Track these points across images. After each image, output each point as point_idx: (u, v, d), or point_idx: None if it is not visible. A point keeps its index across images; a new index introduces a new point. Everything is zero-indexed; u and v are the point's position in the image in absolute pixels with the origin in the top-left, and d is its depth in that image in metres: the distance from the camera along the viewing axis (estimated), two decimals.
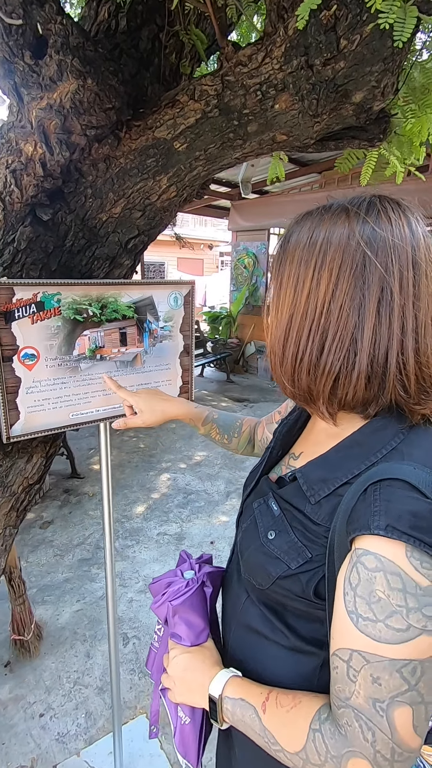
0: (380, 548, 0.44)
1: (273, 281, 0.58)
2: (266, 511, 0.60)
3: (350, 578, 0.46)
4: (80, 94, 0.80)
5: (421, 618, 0.42)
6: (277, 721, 0.51)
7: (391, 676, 0.42)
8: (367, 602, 0.44)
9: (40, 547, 2.72)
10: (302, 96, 0.85)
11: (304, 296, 0.52)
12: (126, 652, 1.99)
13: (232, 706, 0.55)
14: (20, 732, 1.63)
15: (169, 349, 1.09)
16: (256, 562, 0.59)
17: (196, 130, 0.91)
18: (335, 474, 0.54)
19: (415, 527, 0.42)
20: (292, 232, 0.56)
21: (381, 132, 0.96)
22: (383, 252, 0.49)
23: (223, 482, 3.60)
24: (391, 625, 0.42)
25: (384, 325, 0.48)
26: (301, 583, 0.53)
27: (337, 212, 0.52)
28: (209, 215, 8.15)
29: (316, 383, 0.52)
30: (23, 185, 0.88)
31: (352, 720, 0.44)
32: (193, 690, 0.60)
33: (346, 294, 0.49)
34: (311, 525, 0.54)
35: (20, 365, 0.87)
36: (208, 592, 0.70)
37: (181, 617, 0.66)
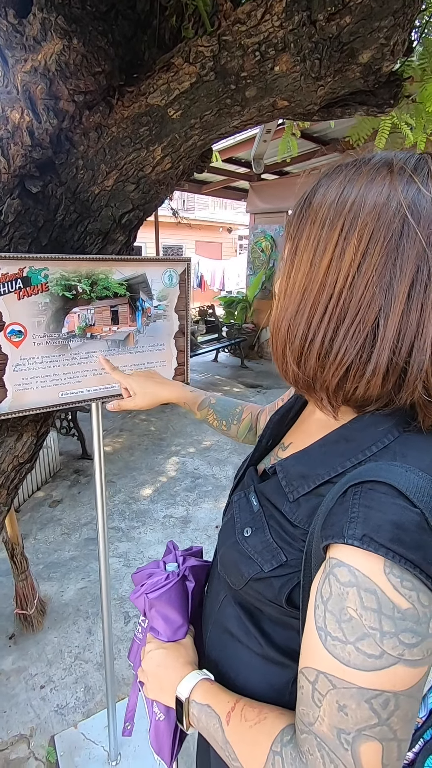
0: (355, 560, 0.38)
1: (288, 242, 0.49)
2: (245, 506, 0.56)
3: (322, 591, 0.41)
4: (66, 56, 0.76)
5: (397, 645, 0.36)
6: (239, 736, 0.47)
7: (359, 706, 0.37)
8: (337, 620, 0.39)
9: (49, 525, 2.78)
10: (304, 56, 0.79)
11: (324, 265, 0.43)
12: (127, 630, 2.02)
13: (198, 711, 0.52)
14: (21, 702, 1.68)
15: (164, 329, 1.05)
16: (230, 559, 0.55)
17: (191, 96, 0.85)
18: (316, 470, 0.48)
19: (396, 540, 0.36)
20: (320, 185, 0.47)
21: (391, 97, 0.89)
22: (428, 220, 0.40)
23: (231, 468, 3.59)
24: (362, 648, 0.37)
25: (414, 312, 0.40)
26: (273, 588, 0.48)
27: (378, 166, 0.43)
28: (228, 197, 7.99)
29: (323, 372, 0.45)
30: (10, 155, 0.85)
31: (314, 749, 0.39)
32: (164, 688, 0.57)
33: (375, 268, 0.41)
34: (288, 526, 0.49)
35: (6, 342, 0.86)
36: (190, 587, 0.67)
37: (158, 611, 0.64)
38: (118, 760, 1.47)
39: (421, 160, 0.43)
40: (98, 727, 1.59)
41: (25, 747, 1.53)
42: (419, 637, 0.36)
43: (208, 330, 7.30)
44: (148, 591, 0.65)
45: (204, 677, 0.55)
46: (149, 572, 0.69)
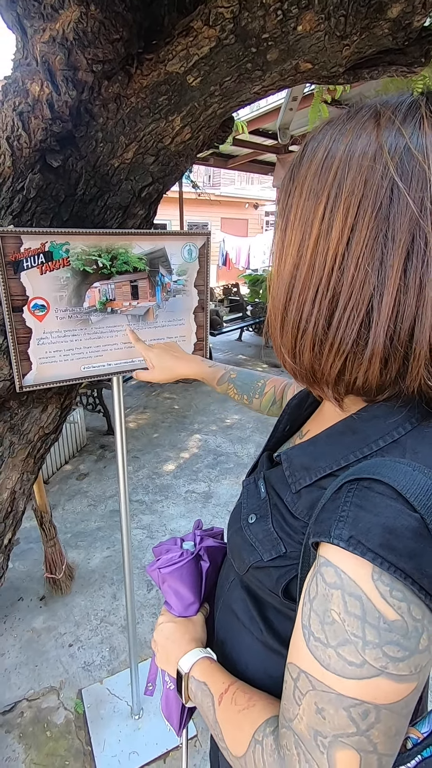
0: (342, 562, 0.35)
1: (279, 218, 0.44)
2: (253, 492, 0.54)
3: (309, 588, 0.39)
4: (83, 23, 0.75)
5: (380, 657, 0.33)
6: (228, 718, 0.47)
7: (336, 712, 0.35)
8: (320, 621, 0.37)
9: (76, 496, 2.89)
10: (329, 13, 0.76)
11: (311, 243, 0.39)
12: (149, 597, 2.10)
13: (195, 687, 0.53)
14: (51, 658, 1.79)
15: (183, 304, 1.06)
16: (234, 543, 0.54)
17: (210, 62, 0.83)
18: (319, 462, 0.45)
19: (387, 546, 0.33)
20: (306, 149, 0.41)
21: (422, 54, 0.84)
22: (419, 181, 0.34)
23: (253, 446, 3.62)
24: (342, 654, 0.35)
25: (412, 290, 0.35)
26: (272, 578, 0.47)
27: (365, 120, 0.37)
28: (255, 171, 7.76)
29: (321, 362, 0.40)
30: (31, 129, 0.86)
31: (292, 746, 0.38)
32: (170, 660, 0.59)
33: (366, 243, 0.36)
34: (290, 517, 0.47)
35: (30, 316, 0.88)
36: (205, 567, 0.67)
37: (170, 586, 0.66)
38: (140, 714, 1.57)
39: (412, 105, 0.37)
40: (122, 684, 1.68)
41: (55, 698, 1.64)
42: (406, 651, 0.34)
43: (233, 309, 7.25)
44: (161, 566, 0.66)
45: (205, 655, 0.56)
46: (167, 547, 0.71)
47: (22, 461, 1.02)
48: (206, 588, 0.67)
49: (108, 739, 1.49)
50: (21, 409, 0.99)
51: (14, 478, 1.02)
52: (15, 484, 1.03)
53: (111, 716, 1.57)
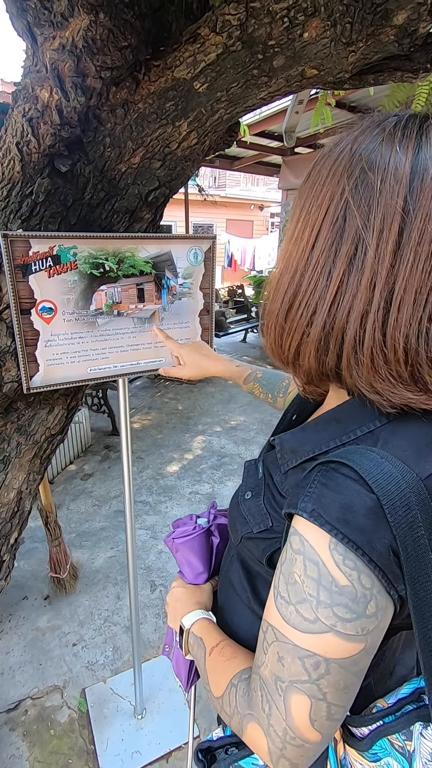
0: (306, 531, 0.41)
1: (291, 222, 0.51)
2: (253, 472, 0.60)
3: (282, 555, 0.44)
4: (92, 31, 0.76)
5: (330, 616, 0.39)
6: (214, 666, 0.55)
7: (293, 660, 0.41)
8: (286, 581, 0.42)
9: (81, 496, 2.91)
10: (335, 20, 0.76)
11: (291, 242, 0.46)
12: (153, 597, 2.11)
13: (193, 641, 0.62)
14: (55, 657, 1.81)
15: (189, 307, 1.07)
16: (231, 516, 0.61)
17: (217, 68, 0.84)
18: (305, 446, 0.50)
19: (342, 520, 0.38)
20: (316, 165, 0.47)
21: (428, 60, 0.84)
22: (368, 194, 0.39)
23: (257, 447, 3.62)
24: (300, 611, 0.40)
25: (350, 289, 0.40)
26: (259, 548, 0.53)
27: (350, 137, 0.43)
28: (260, 173, 7.78)
29: (282, 345, 0.47)
30: (40, 134, 0.87)
31: (257, 688, 0.45)
32: (176, 619, 0.68)
33: (325, 243, 0.42)
34: (278, 495, 0.52)
35: (38, 318, 0.90)
36: (215, 542, 0.74)
37: (183, 555, 0.73)
38: (143, 714, 1.57)
39: (380, 127, 0.42)
40: (125, 684, 1.69)
41: (59, 697, 1.65)
42: (354, 614, 0.38)
43: (238, 310, 7.25)
44: (175, 536, 0.74)
45: (205, 617, 0.65)
46: (184, 521, 0.79)
47: (28, 461, 1.04)
48: (216, 562, 0.74)
49: (111, 738, 1.50)
50: (28, 410, 1.01)
51: (21, 478, 1.04)
52: (21, 484, 1.04)
53: (114, 715, 1.58)
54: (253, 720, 0.45)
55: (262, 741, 0.44)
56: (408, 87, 1.08)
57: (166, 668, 1.77)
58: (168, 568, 2.30)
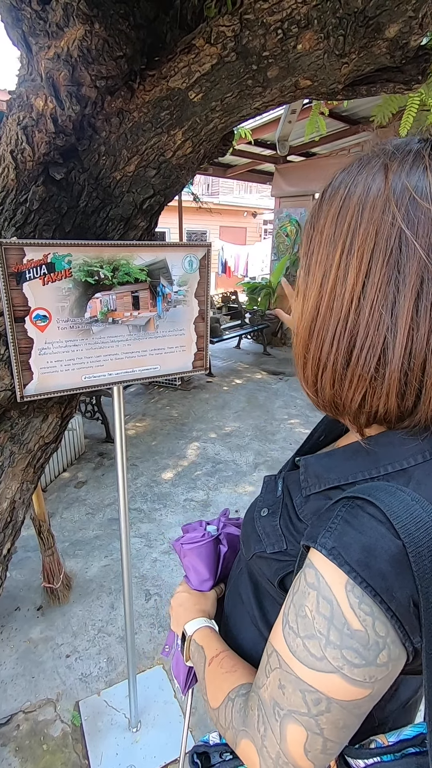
0: (323, 567, 0.39)
1: (302, 260, 0.47)
2: (272, 488, 0.58)
3: (294, 583, 0.43)
4: (88, 41, 0.76)
5: (338, 657, 0.37)
6: (212, 676, 0.55)
7: (294, 691, 0.40)
8: (296, 613, 0.41)
9: (74, 505, 2.88)
10: (328, 33, 0.77)
11: (329, 287, 0.42)
12: (148, 607, 2.09)
13: (194, 649, 0.62)
14: (48, 669, 1.77)
15: (184, 314, 1.07)
16: (245, 531, 0.59)
17: (212, 78, 0.85)
18: (331, 474, 0.47)
19: (362, 563, 0.36)
20: (325, 195, 0.45)
21: (419, 72, 0.86)
22: (425, 227, 0.37)
23: (252, 453, 3.62)
24: (307, 646, 0.39)
25: (423, 327, 0.38)
26: (271, 569, 0.52)
27: (375, 169, 0.41)
28: (253, 181, 7.85)
29: (342, 396, 0.43)
30: (35, 142, 0.87)
31: (255, 707, 0.45)
32: (179, 624, 0.68)
33: (379, 288, 0.39)
34: (295, 518, 0.51)
35: (32, 326, 0.89)
36: (223, 550, 0.74)
37: (189, 561, 0.73)
38: (138, 727, 1.55)
39: (417, 154, 0.40)
40: (120, 696, 1.66)
41: (52, 710, 1.62)
42: (363, 660, 0.37)
43: (231, 316, 7.28)
44: (184, 542, 0.75)
45: (207, 625, 0.64)
46: (193, 527, 0.79)
47: (22, 471, 1.02)
48: (222, 570, 0.74)
49: (105, 752, 1.48)
50: (21, 418, 1.00)
51: (14, 487, 1.02)
52: (15, 493, 1.02)
53: (108, 729, 1.55)
54: (247, 737, 0.45)
55: (255, 758, 0.43)
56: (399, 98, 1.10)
57: (161, 679, 1.75)
58: (163, 576, 2.28)
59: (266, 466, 3.42)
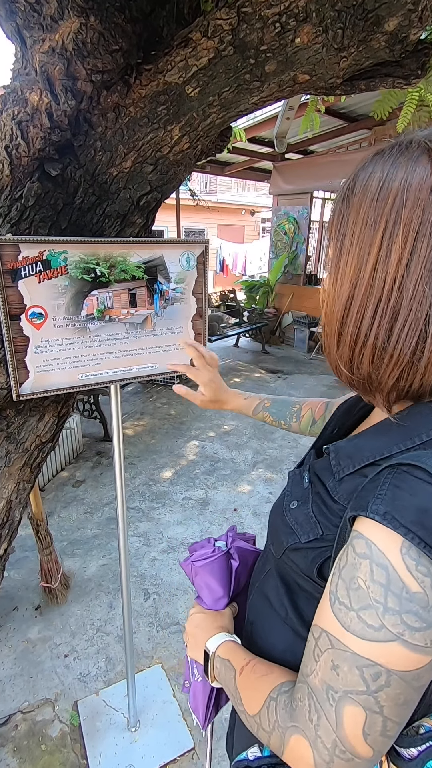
0: (374, 535, 0.39)
1: (332, 242, 0.48)
2: (298, 482, 0.58)
3: (340, 559, 0.43)
4: (83, 34, 0.75)
5: (398, 624, 0.37)
6: (247, 684, 0.52)
7: (350, 670, 0.39)
8: (346, 587, 0.40)
9: (72, 504, 2.87)
10: (326, 26, 0.76)
11: (369, 266, 0.43)
12: (146, 606, 2.08)
13: (220, 664, 0.59)
14: (46, 669, 1.77)
15: (181, 312, 1.06)
16: (274, 527, 0.59)
17: (209, 73, 0.84)
18: (363, 452, 0.48)
19: (419, 523, 0.37)
20: (358, 178, 0.46)
21: (419, 67, 0.85)
22: None
23: (250, 452, 3.61)
24: (363, 617, 0.38)
25: None
26: (307, 559, 0.51)
27: (417, 155, 0.42)
28: (251, 179, 7.83)
29: (379, 372, 0.44)
30: (30, 138, 0.86)
31: (305, 697, 0.43)
32: (199, 645, 0.64)
33: (424, 266, 0.40)
34: (330, 501, 0.50)
35: (28, 324, 0.88)
36: (234, 565, 0.72)
37: (202, 579, 0.71)
38: (137, 726, 1.54)
39: None
40: (119, 696, 1.66)
41: (50, 710, 1.61)
42: (424, 623, 0.36)
43: (229, 315, 7.26)
44: (194, 560, 0.72)
45: (230, 639, 0.62)
46: (201, 545, 0.77)
47: (18, 470, 1.01)
48: (235, 586, 0.71)
49: (104, 752, 1.47)
50: (18, 417, 0.99)
51: (10, 487, 1.01)
52: (11, 493, 1.01)
53: (107, 729, 1.55)
54: (297, 732, 0.43)
55: (307, 753, 0.41)
56: (399, 93, 1.09)
57: (159, 679, 1.74)
58: (161, 575, 2.27)
59: (265, 465, 3.42)
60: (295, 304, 7.04)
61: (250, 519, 2.75)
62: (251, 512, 2.82)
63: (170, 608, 2.07)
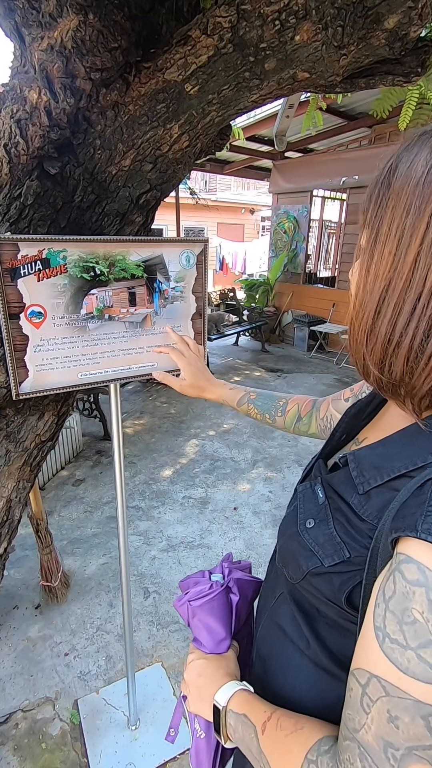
0: (427, 557, 0.34)
1: (365, 229, 0.43)
2: (311, 497, 0.52)
3: (385, 587, 0.37)
4: (82, 32, 0.75)
5: None
6: (274, 744, 0.44)
7: (413, 720, 0.33)
8: (398, 621, 0.35)
9: (72, 503, 2.87)
10: (326, 24, 0.76)
11: (410, 258, 0.38)
12: (147, 605, 2.08)
13: (235, 721, 0.50)
14: (46, 667, 1.77)
15: (181, 311, 1.05)
16: (289, 549, 0.52)
17: (208, 70, 0.83)
18: (393, 462, 0.43)
19: None
20: (400, 160, 0.41)
21: (419, 64, 0.85)
22: None
23: (250, 451, 3.61)
24: (424, 657, 0.33)
25: None
26: (333, 585, 0.45)
27: None
28: (251, 177, 7.83)
29: (413, 376, 0.40)
30: (29, 136, 0.85)
31: (356, 758, 0.36)
32: (204, 698, 0.56)
33: None
34: (355, 520, 0.45)
35: (27, 323, 0.88)
36: (235, 600, 0.65)
37: (200, 620, 0.63)
38: (137, 725, 1.55)
39: None
40: (119, 694, 1.66)
41: (51, 709, 1.62)
42: None
43: (229, 314, 7.26)
44: (191, 599, 0.64)
45: (242, 688, 0.54)
46: (195, 580, 0.68)
47: (18, 469, 1.01)
48: (237, 623, 0.64)
49: (104, 750, 1.47)
50: (17, 416, 0.99)
51: (10, 486, 1.01)
52: (11, 492, 1.01)
53: (107, 727, 1.55)
54: None
55: None
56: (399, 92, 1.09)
57: (159, 677, 1.75)
58: (161, 574, 2.27)
59: (264, 463, 3.42)
60: (294, 302, 7.04)
61: (249, 517, 2.76)
62: (251, 511, 2.83)
63: (170, 607, 2.07)
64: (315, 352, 6.54)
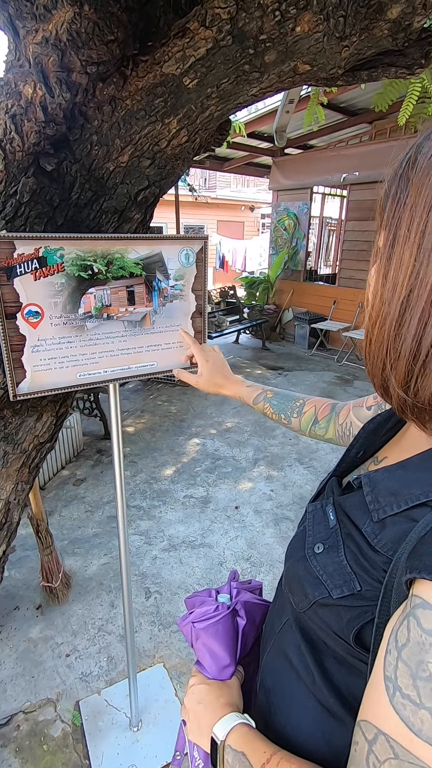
0: None
1: (383, 230, 0.39)
2: (321, 519, 0.48)
3: (398, 633, 0.33)
4: (77, 24, 0.73)
5: None
6: None
7: None
8: (412, 674, 0.31)
9: (73, 502, 2.86)
10: (327, 14, 0.74)
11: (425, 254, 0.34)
12: (148, 605, 2.08)
13: (233, 759, 0.46)
14: (48, 668, 1.76)
15: (181, 310, 1.04)
16: (294, 575, 0.49)
17: (207, 63, 0.82)
18: (412, 489, 0.39)
19: None
20: (421, 150, 0.36)
21: (423, 56, 0.83)
22: None
23: (251, 449, 3.60)
24: None
25: None
26: (341, 620, 0.41)
27: None
28: (250, 174, 7.79)
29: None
30: (24, 132, 0.84)
31: None
32: (202, 728, 0.52)
33: None
34: (368, 550, 0.41)
35: (24, 323, 0.86)
36: (241, 624, 0.61)
37: (204, 644, 0.59)
38: (139, 726, 1.54)
39: None
40: (120, 695, 1.65)
41: (52, 710, 1.61)
42: None
43: (230, 311, 7.24)
44: (195, 620, 0.61)
45: (243, 721, 0.50)
46: (201, 599, 0.65)
47: (16, 471, 1.00)
48: (242, 649, 0.60)
49: (106, 752, 1.47)
50: (15, 418, 0.97)
51: (8, 488, 1.00)
52: (9, 494, 1.00)
53: (109, 728, 1.54)
54: None
55: None
56: (399, 85, 1.07)
57: (161, 678, 1.74)
58: (162, 574, 2.26)
59: (266, 462, 3.41)
60: (295, 300, 7.01)
61: (251, 517, 2.75)
62: (252, 510, 2.82)
63: (172, 607, 2.06)
64: (316, 350, 6.52)
